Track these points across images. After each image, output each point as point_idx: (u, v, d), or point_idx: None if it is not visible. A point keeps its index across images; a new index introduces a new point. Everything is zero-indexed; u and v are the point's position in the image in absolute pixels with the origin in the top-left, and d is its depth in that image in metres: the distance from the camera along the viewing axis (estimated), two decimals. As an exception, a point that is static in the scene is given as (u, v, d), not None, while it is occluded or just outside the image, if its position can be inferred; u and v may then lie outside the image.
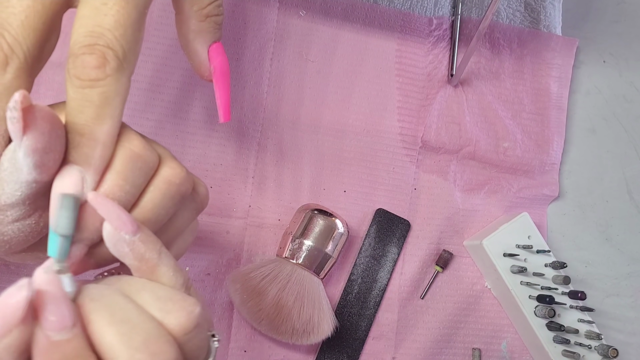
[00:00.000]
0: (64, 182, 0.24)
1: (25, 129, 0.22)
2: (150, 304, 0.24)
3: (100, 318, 0.22)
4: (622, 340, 0.56)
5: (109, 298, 0.23)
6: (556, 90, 0.56)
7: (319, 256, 0.45)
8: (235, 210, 0.48)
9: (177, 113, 0.48)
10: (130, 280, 0.25)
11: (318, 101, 0.51)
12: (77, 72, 0.24)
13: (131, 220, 0.24)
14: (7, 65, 0.24)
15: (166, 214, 0.28)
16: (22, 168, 0.23)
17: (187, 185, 0.29)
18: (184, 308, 0.24)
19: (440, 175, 0.53)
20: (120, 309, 0.23)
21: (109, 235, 0.24)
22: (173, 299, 0.24)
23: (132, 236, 0.24)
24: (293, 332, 0.44)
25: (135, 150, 0.26)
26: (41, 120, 0.22)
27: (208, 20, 0.33)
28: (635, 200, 0.58)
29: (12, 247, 0.26)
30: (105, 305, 0.23)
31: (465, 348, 0.52)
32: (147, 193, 0.27)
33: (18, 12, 0.24)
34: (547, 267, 0.51)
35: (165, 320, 0.24)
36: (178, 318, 0.24)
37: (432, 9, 0.54)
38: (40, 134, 0.22)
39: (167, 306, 0.24)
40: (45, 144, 0.23)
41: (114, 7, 0.25)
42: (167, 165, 0.28)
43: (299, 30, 0.51)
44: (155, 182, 0.27)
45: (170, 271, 0.26)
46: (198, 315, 0.24)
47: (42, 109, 0.23)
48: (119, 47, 0.25)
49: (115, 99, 0.25)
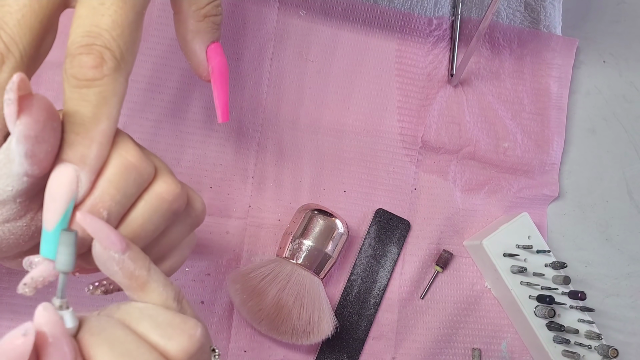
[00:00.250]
0: (58, 180, 0.24)
1: (20, 113, 0.22)
2: (151, 332, 0.24)
3: (101, 353, 0.22)
4: (622, 340, 0.56)
5: (108, 332, 0.23)
6: (556, 90, 0.56)
7: (319, 256, 0.45)
8: (235, 210, 0.48)
9: (177, 113, 0.48)
10: (129, 309, 0.25)
11: (318, 101, 0.51)
12: (74, 72, 0.24)
13: (120, 238, 0.24)
14: (3, 64, 0.24)
15: (156, 230, 0.28)
16: (14, 158, 0.23)
17: (180, 202, 0.28)
18: (185, 332, 0.24)
19: (440, 175, 0.53)
20: (120, 342, 0.23)
21: (98, 254, 0.24)
22: (172, 324, 0.24)
23: (121, 254, 0.24)
24: (293, 332, 0.44)
25: (131, 160, 0.26)
26: (37, 108, 0.22)
27: (206, 20, 0.33)
28: (635, 200, 0.58)
29: (3, 251, 0.25)
30: (105, 340, 0.23)
31: (465, 348, 0.52)
32: (137, 207, 0.27)
33: (14, 11, 0.24)
34: (547, 267, 0.51)
35: (167, 347, 0.24)
36: (180, 343, 0.24)
37: (432, 9, 0.54)
38: (34, 120, 0.22)
39: (168, 332, 0.24)
40: (39, 132, 0.22)
41: (112, 7, 0.25)
42: (161, 180, 0.27)
43: (299, 30, 0.51)
44: (148, 196, 0.27)
45: (160, 287, 0.26)
46: (200, 337, 0.24)
47: (41, 98, 0.23)
48: (117, 47, 0.25)
49: (112, 99, 0.25)
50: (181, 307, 0.27)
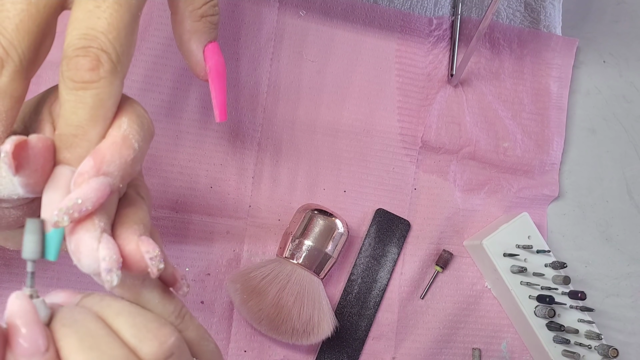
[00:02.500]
0: (57, 183, 0.24)
1: (18, 169, 0.23)
2: (125, 330, 0.24)
3: (70, 344, 0.22)
4: (622, 340, 0.56)
5: (80, 324, 0.23)
6: (556, 90, 0.56)
7: (319, 256, 0.45)
8: (235, 210, 0.48)
9: (176, 112, 0.48)
10: (111, 302, 0.25)
11: (318, 101, 0.51)
12: (70, 75, 0.24)
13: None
14: (3, 68, 0.24)
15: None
16: (17, 187, 0.24)
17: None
18: (157, 337, 0.24)
19: (440, 175, 0.53)
20: (91, 335, 0.23)
21: (89, 268, 0.24)
22: (148, 327, 0.24)
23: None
24: (293, 332, 0.44)
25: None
26: (34, 158, 0.23)
27: (203, 20, 0.34)
28: (635, 200, 0.58)
29: (2, 226, 0.27)
30: (76, 332, 0.23)
31: (465, 348, 0.52)
32: None
33: (12, 16, 0.24)
34: (547, 267, 0.51)
35: (138, 348, 0.24)
36: (150, 347, 0.24)
37: (432, 9, 0.54)
38: (32, 171, 0.23)
39: (141, 333, 0.24)
40: (38, 178, 0.24)
41: (108, 10, 0.25)
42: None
43: (298, 30, 0.51)
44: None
45: (155, 299, 0.26)
46: (171, 346, 0.24)
47: (36, 145, 0.23)
48: (113, 49, 0.25)
49: (108, 102, 0.25)
50: (182, 322, 0.27)
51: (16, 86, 0.25)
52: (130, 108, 0.27)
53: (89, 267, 0.24)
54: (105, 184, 0.24)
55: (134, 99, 0.28)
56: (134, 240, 0.25)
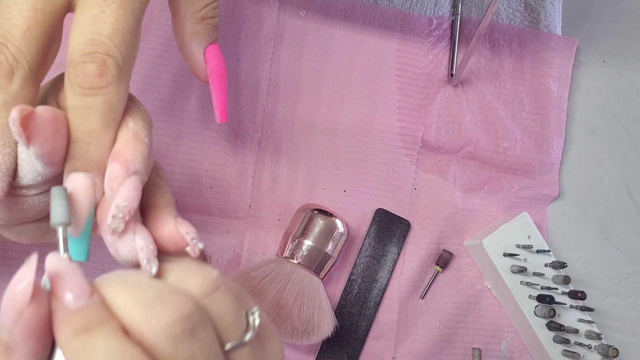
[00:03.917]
0: (78, 190, 0.25)
1: (30, 139, 0.23)
2: (167, 276, 0.24)
3: (112, 288, 0.22)
4: (622, 340, 0.56)
5: (120, 274, 0.23)
6: (556, 90, 0.56)
7: (319, 256, 0.46)
8: (235, 210, 0.48)
9: (176, 112, 0.48)
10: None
11: (318, 101, 0.51)
12: (78, 81, 0.24)
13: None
14: (13, 75, 0.25)
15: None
16: (36, 163, 0.25)
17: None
18: (200, 272, 0.24)
19: (440, 175, 0.53)
20: (132, 278, 0.23)
21: (127, 257, 0.25)
22: (189, 268, 0.24)
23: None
24: (293, 332, 0.44)
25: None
26: (43, 126, 0.23)
27: (204, 22, 0.34)
28: (635, 200, 0.58)
29: (29, 217, 0.27)
30: (116, 277, 0.23)
31: (465, 348, 0.52)
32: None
33: (20, 24, 0.25)
34: (547, 267, 0.51)
35: (184, 285, 0.24)
36: (194, 280, 0.24)
37: (432, 9, 0.54)
38: (44, 139, 0.23)
39: (183, 274, 0.24)
40: (52, 146, 0.24)
41: (112, 14, 0.25)
42: None
43: (298, 30, 0.51)
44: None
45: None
46: (217, 278, 0.24)
47: (43, 114, 0.23)
48: (119, 54, 0.25)
49: (118, 106, 0.25)
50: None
51: (27, 92, 0.25)
52: (130, 104, 0.27)
53: (127, 256, 0.24)
54: (137, 182, 0.25)
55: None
56: (172, 222, 0.25)
